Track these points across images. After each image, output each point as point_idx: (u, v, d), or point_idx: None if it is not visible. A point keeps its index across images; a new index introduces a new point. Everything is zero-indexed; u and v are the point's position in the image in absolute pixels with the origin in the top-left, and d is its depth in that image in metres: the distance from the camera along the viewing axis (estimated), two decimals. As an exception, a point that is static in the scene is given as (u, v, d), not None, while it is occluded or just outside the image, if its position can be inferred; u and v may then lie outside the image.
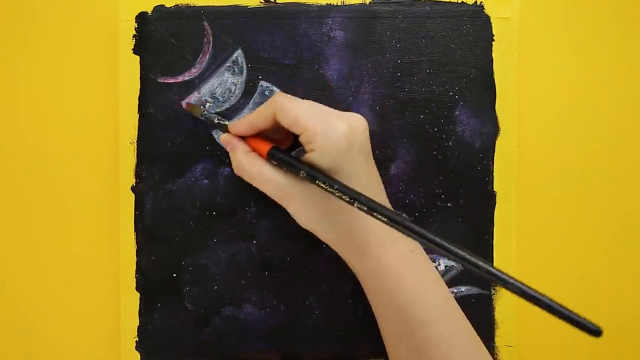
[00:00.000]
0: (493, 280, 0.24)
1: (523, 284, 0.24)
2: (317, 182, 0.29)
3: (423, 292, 0.31)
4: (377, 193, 0.32)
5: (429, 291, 0.31)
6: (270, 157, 0.31)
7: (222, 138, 0.34)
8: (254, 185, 0.32)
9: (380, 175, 0.33)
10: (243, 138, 0.34)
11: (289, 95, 0.32)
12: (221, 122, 0.35)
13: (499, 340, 0.37)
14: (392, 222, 0.27)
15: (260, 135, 0.33)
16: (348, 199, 0.28)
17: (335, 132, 0.29)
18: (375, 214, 0.27)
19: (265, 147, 0.32)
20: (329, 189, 0.29)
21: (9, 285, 0.39)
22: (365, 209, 0.27)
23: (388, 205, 0.33)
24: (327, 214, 0.31)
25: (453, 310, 0.32)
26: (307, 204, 0.31)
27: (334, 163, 0.29)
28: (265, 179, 0.31)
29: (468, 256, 0.24)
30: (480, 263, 0.24)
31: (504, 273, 0.24)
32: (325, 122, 0.29)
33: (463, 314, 0.32)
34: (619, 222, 0.39)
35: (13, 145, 0.39)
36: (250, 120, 0.32)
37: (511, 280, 0.24)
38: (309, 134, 0.29)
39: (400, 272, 0.31)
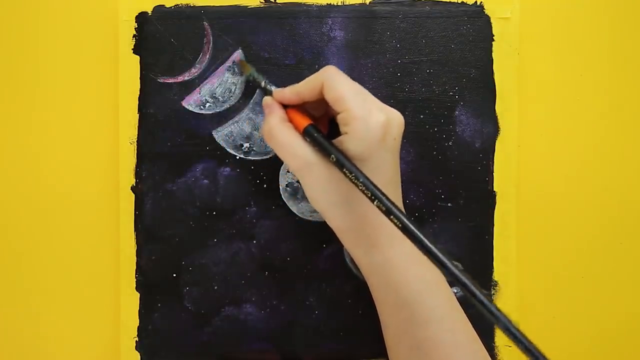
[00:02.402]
0: (493, 322, 0.24)
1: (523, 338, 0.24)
2: (344, 170, 0.29)
3: (427, 290, 0.31)
4: (396, 190, 0.32)
5: (432, 290, 0.31)
6: (305, 133, 0.31)
7: (265, 101, 0.34)
8: (277, 153, 0.32)
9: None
10: (284, 107, 0.33)
11: (340, 71, 0.31)
12: (268, 86, 0.35)
13: (499, 341, 0.37)
14: (406, 231, 0.27)
15: (300, 109, 0.33)
16: (369, 195, 0.28)
17: (374, 121, 0.29)
18: (391, 217, 0.27)
19: (304, 121, 0.31)
20: (353, 180, 0.28)
21: (9, 285, 0.39)
22: (384, 209, 0.27)
23: (400, 204, 0.33)
24: (345, 202, 0.31)
25: (455, 310, 0.32)
26: (327, 187, 0.31)
27: (366, 151, 0.29)
28: (293, 151, 0.31)
29: (477, 292, 0.24)
30: (485, 303, 0.24)
31: (505, 317, 0.24)
32: (366, 109, 0.29)
33: (464, 314, 0.32)
34: (619, 222, 0.39)
35: (13, 145, 0.39)
36: (297, 88, 0.32)
37: (513, 329, 0.24)
38: (348, 116, 0.29)
39: (405, 269, 0.31)
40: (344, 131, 0.30)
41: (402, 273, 0.31)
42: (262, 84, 0.36)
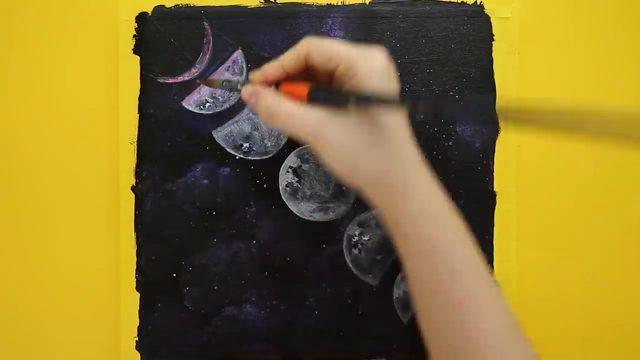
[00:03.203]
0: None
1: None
2: (371, 100, 0.27)
3: (460, 242, 0.30)
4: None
5: (465, 240, 0.31)
6: (311, 96, 0.29)
7: (243, 92, 0.32)
8: (285, 130, 0.31)
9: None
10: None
11: (317, 37, 0.31)
12: (244, 82, 0.34)
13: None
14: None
15: (289, 79, 0.32)
16: (410, 104, 0.26)
17: (374, 54, 0.29)
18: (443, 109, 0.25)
19: (304, 88, 0.30)
20: (388, 100, 0.27)
21: (9, 285, 0.39)
22: (433, 109, 0.25)
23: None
24: (368, 150, 0.29)
25: (484, 268, 0.31)
26: (346, 141, 0.29)
27: (379, 85, 0.29)
28: (299, 120, 0.29)
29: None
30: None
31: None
32: (363, 50, 0.29)
33: (491, 272, 0.32)
34: (619, 222, 0.39)
35: (13, 145, 0.39)
36: (281, 62, 0.31)
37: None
38: (350, 63, 0.29)
39: (441, 215, 0.30)
40: (350, 78, 0.29)
41: (436, 223, 0.30)
42: (238, 85, 0.34)
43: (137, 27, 0.37)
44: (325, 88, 0.30)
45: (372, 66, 0.29)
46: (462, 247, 0.30)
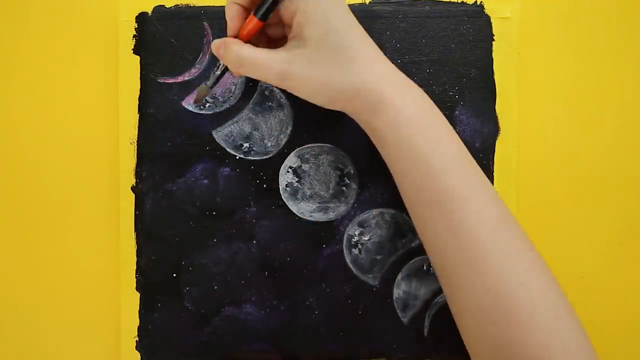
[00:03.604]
0: None
1: None
2: None
3: (439, 140, 0.31)
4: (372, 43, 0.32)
5: (445, 140, 0.31)
6: (256, 12, 0.31)
7: (212, 45, 0.33)
8: (254, 75, 0.32)
9: (382, 174, 0.33)
10: None
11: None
12: (218, 65, 0.34)
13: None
14: None
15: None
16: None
17: None
18: None
19: (251, 17, 0.31)
20: None
21: (9, 286, 0.39)
22: None
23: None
24: (337, 73, 0.30)
25: (470, 163, 0.32)
26: (314, 73, 0.30)
27: (323, 17, 0.30)
28: (265, 63, 0.31)
29: None
30: None
31: None
32: None
33: (478, 167, 0.32)
34: (619, 222, 0.39)
35: (13, 145, 0.39)
36: (230, 3, 0.32)
37: None
38: (290, 5, 0.30)
39: (418, 118, 0.31)
40: (295, 19, 0.30)
41: (414, 123, 0.31)
42: (217, 73, 0.34)
43: (137, 27, 0.37)
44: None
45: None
46: (444, 146, 0.31)
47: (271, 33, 0.34)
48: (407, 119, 0.31)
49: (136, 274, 0.38)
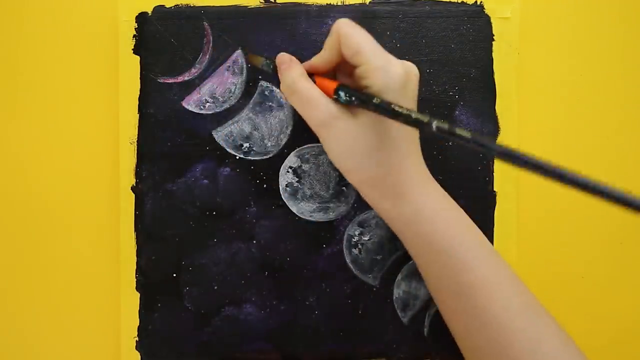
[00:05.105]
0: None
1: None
2: (392, 107, 0.28)
3: (459, 235, 0.31)
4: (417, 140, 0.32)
5: (464, 234, 0.31)
6: (339, 89, 0.30)
7: (282, 56, 0.33)
8: (299, 108, 0.32)
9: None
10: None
11: (353, 22, 0.31)
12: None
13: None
14: (476, 143, 0.26)
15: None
16: (426, 120, 0.27)
17: (394, 70, 0.29)
18: (457, 133, 0.26)
19: (333, 83, 0.31)
20: (404, 112, 0.27)
21: (9, 286, 0.39)
22: (447, 129, 0.26)
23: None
24: (370, 151, 0.30)
25: (491, 254, 0.32)
26: (352, 139, 0.30)
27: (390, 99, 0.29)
28: (316, 103, 0.30)
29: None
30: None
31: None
32: (385, 59, 0.29)
33: (500, 256, 0.32)
34: (619, 222, 0.39)
35: (13, 145, 0.39)
36: (320, 56, 0.32)
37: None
38: (369, 68, 0.29)
39: (435, 216, 0.31)
40: (364, 84, 0.29)
41: (432, 221, 0.31)
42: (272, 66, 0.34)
43: (137, 27, 0.37)
44: (353, 88, 0.30)
45: (386, 81, 0.29)
46: (463, 240, 0.31)
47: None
48: (426, 215, 0.31)
49: (136, 274, 0.38)
